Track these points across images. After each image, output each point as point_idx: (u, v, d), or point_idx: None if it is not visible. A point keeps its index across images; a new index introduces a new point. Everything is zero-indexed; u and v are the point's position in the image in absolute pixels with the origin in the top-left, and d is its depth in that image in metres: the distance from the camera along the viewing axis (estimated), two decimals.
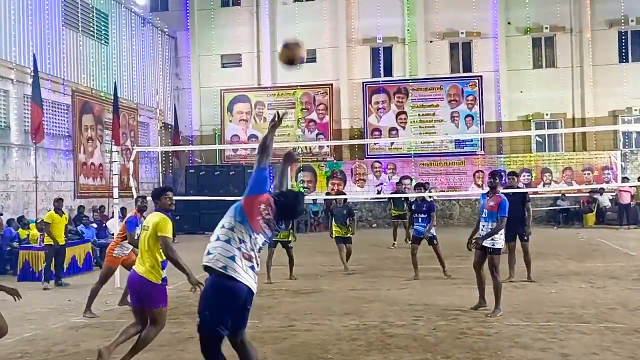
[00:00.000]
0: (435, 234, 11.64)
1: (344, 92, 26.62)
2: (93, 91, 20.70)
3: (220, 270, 4.61)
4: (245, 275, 4.62)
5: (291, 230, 12.32)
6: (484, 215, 8.57)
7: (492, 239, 8.39)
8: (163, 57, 26.84)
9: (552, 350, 6.52)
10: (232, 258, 4.59)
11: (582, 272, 11.71)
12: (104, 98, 21.16)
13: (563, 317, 8.05)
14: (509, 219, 8.54)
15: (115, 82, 21.32)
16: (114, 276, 11.64)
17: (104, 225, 16.11)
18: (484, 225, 8.53)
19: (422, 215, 11.62)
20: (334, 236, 12.96)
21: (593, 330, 7.29)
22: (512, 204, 8.87)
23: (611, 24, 25.36)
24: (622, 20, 25.14)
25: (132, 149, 17.31)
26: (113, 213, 13.20)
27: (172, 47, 28.08)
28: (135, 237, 8.09)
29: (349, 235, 12.94)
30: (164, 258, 6.38)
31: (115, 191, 12.05)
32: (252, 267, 4.68)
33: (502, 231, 8.46)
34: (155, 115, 25.34)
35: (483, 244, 8.42)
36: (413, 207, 12.11)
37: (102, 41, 21.73)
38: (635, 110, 24.96)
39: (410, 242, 13.15)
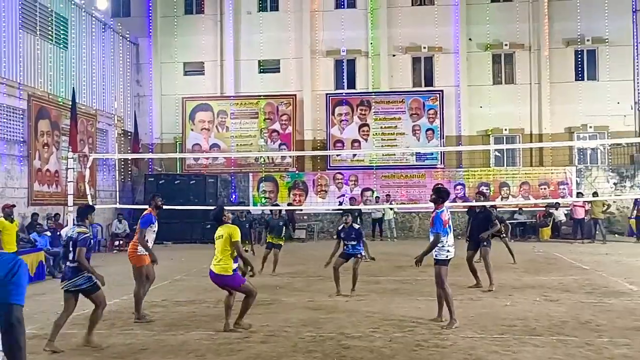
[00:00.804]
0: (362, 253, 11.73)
1: (307, 103, 26.66)
2: (50, 96, 20.28)
3: None
4: None
5: (284, 237, 14.25)
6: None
7: (435, 251, 8.46)
8: (124, 63, 26.47)
9: None
10: None
11: (536, 285, 11.89)
12: (61, 103, 20.74)
13: (517, 329, 8.14)
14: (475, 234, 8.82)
15: (73, 88, 20.92)
16: None
17: (58, 233, 15.73)
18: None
19: (352, 242, 11.33)
20: (267, 241, 14.20)
21: (546, 343, 7.40)
22: (479, 223, 10.57)
23: (568, 42, 26.03)
24: (579, 40, 25.84)
25: (89, 155, 16.98)
26: (67, 221, 12.90)
27: (134, 53, 27.72)
28: (145, 235, 8.61)
29: (280, 243, 14.22)
30: (235, 256, 8.23)
31: (70, 199, 11.80)
32: None
33: (447, 244, 8.48)
34: (114, 122, 24.95)
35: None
36: (342, 234, 11.45)
37: (61, 46, 21.33)
38: (590, 127, 25.62)
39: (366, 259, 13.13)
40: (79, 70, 22.43)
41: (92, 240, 8.06)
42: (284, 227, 14.26)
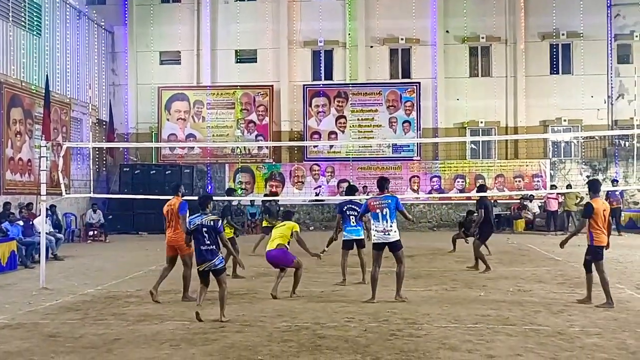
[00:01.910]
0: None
1: (284, 94, 26.57)
2: (23, 84, 19.93)
3: None
4: None
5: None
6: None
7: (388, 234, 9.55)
8: (99, 51, 26.10)
9: (479, 351, 6.65)
10: None
11: (510, 276, 12.03)
12: (34, 91, 20.40)
13: (490, 319, 8.23)
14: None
15: (47, 76, 20.61)
16: (39, 275, 11.30)
17: (30, 223, 15.51)
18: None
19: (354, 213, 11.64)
20: (263, 225, 14.92)
21: (518, 332, 7.49)
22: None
23: (543, 36, 26.27)
24: (554, 34, 26.09)
25: (63, 144, 16.73)
26: (40, 210, 12.72)
27: (109, 42, 27.34)
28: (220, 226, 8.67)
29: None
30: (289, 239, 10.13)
31: (43, 188, 11.61)
32: None
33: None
34: (89, 111, 24.62)
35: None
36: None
37: (34, 32, 20.95)
38: (565, 120, 25.92)
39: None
40: (53, 58, 22.07)
41: (219, 230, 8.68)
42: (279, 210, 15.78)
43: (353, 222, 11.52)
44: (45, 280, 11.13)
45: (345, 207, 11.72)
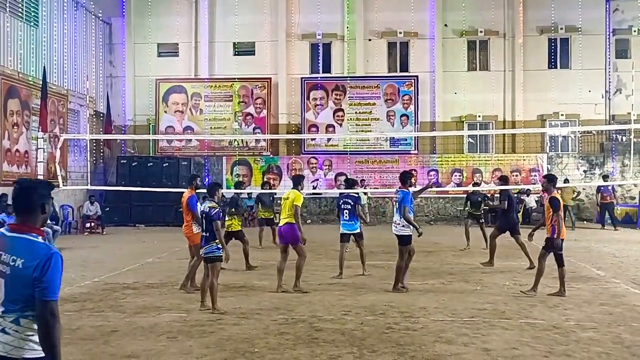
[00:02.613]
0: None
1: (282, 86, 26.52)
2: (20, 75, 19.84)
3: None
4: None
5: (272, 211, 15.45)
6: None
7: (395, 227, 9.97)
8: (96, 43, 26.00)
9: (475, 345, 6.69)
10: None
11: (506, 270, 12.08)
12: (32, 83, 20.33)
13: (486, 313, 8.27)
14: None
15: (44, 67, 20.54)
16: None
17: None
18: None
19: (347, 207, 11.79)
20: (258, 218, 15.09)
21: (514, 326, 7.53)
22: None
23: (542, 30, 26.25)
24: (552, 28, 26.06)
25: (60, 136, 16.71)
26: None
27: (106, 33, 27.25)
28: (215, 213, 8.65)
29: (271, 217, 15.59)
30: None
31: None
32: None
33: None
34: (86, 103, 24.56)
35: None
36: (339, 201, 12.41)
37: (32, 23, 20.87)
38: (562, 115, 25.94)
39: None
40: (50, 49, 21.99)
41: (221, 213, 9.03)
42: (273, 202, 15.75)
43: (346, 217, 11.56)
44: None
45: (341, 202, 11.84)
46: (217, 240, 8.46)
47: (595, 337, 7.02)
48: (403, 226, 9.77)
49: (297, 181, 10.66)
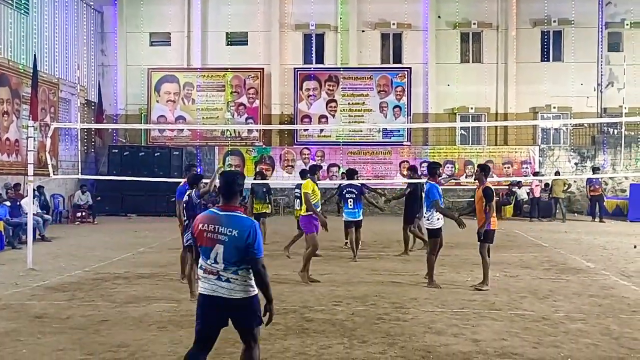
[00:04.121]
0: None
1: (275, 77, 26.44)
2: (10, 63, 19.69)
3: None
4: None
5: (268, 203, 15.03)
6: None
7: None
8: (88, 31, 25.80)
9: (464, 335, 6.72)
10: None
11: (497, 262, 12.07)
12: (22, 71, 20.18)
13: (476, 304, 8.31)
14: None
15: (35, 55, 20.38)
16: (26, 256, 11.27)
17: (18, 203, 15.42)
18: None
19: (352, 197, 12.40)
20: (254, 213, 14.39)
21: (504, 317, 7.57)
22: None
23: (535, 23, 26.26)
24: (545, 20, 26.08)
25: (51, 125, 16.58)
26: (27, 191, 12.64)
27: (98, 21, 27.04)
28: (182, 207, 8.68)
29: (265, 211, 14.84)
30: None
31: (30, 168, 11.53)
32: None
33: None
34: (78, 92, 24.39)
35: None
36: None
37: (22, 11, 20.68)
38: (554, 107, 26.01)
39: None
40: (41, 37, 21.82)
41: (193, 200, 8.77)
42: (267, 194, 15.03)
43: (350, 205, 12.16)
44: (32, 261, 11.10)
45: (345, 191, 12.39)
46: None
47: (584, 328, 7.06)
48: (428, 219, 9.66)
49: (312, 171, 10.62)
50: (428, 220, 9.67)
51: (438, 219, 9.62)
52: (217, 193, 13.99)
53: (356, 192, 12.31)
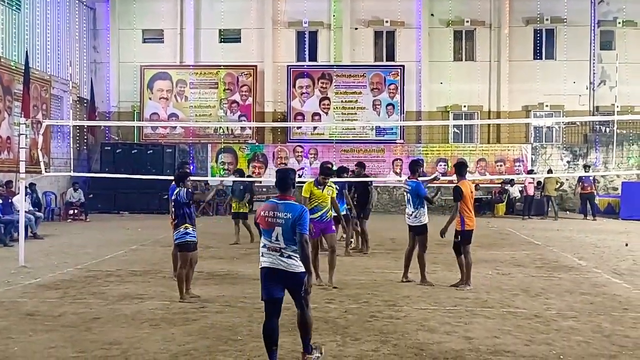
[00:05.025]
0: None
1: (268, 74, 26.41)
2: (2, 60, 19.57)
3: None
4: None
5: (246, 203, 14.61)
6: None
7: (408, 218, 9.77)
8: (80, 28, 25.68)
9: (457, 333, 6.74)
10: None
11: (489, 260, 12.14)
12: (14, 68, 20.07)
13: (469, 302, 8.33)
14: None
15: (27, 52, 20.27)
16: (18, 253, 11.21)
17: (9, 201, 15.32)
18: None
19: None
20: (232, 212, 14.52)
21: (496, 315, 7.59)
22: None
23: (527, 21, 26.33)
24: (538, 19, 26.15)
25: (43, 122, 16.49)
26: (20, 188, 12.58)
27: (91, 18, 26.93)
28: (170, 206, 8.47)
29: (243, 211, 14.52)
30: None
31: (22, 165, 11.47)
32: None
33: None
34: (70, 89, 24.27)
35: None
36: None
37: (14, 7, 20.57)
38: (547, 105, 26.10)
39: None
40: (33, 34, 21.70)
41: (181, 200, 8.39)
42: (245, 192, 14.63)
43: None
44: (24, 259, 11.04)
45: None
46: (185, 225, 8.30)
47: (575, 326, 7.09)
48: (416, 217, 9.56)
49: (324, 172, 9.82)
50: (416, 217, 9.59)
51: (424, 215, 9.63)
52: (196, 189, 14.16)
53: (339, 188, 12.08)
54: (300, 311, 5.70)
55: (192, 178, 9.33)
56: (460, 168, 9.58)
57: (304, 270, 5.51)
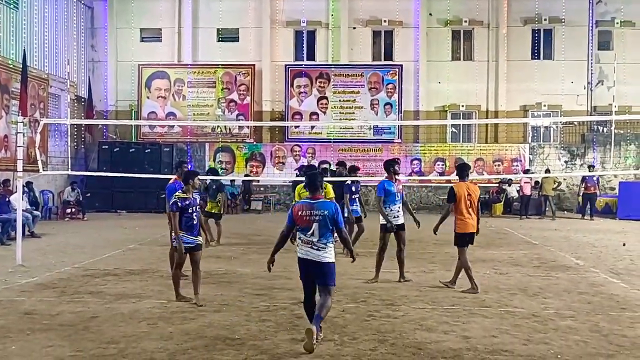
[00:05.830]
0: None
1: (266, 73, 26.39)
2: (0, 58, 19.56)
3: None
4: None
5: (218, 203, 13.93)
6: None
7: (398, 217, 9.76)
8: (78, 27, 25.65)
9: (455, 332, 6.74)
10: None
11: (487, 259, 12.15)
12: (11, 66, 20.04)
13: (467, 301, 8.33)
14: None
15: (24, 50, 20.23)
16: (15, 252, 11.19)
17: (7, 199, 15.29)
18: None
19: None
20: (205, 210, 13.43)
21: (494, 314, 7.59)
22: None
23: (526, 21, 26.35)
24: (536, 19, 26.18)
25: (40, 120, 16.46)
26: (17, 187, 12.55)
27: (88, 17, 26.88)
28: (170, 204, 8.22)
29: (214, 212, 13.90)
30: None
31: (20, 164, 11.44)
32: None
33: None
34: (67, 87, 24.24)
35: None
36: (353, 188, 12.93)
37: (12, 6, 20.53)
38: (545, 105, 26.12)
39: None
40: (31, 32, 21.67)
41: (180, 204, 8.09)
42: (217, 192, 14.05)
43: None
44: (21, 258, 11.03)
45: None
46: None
47: (573, 325, 7.10)
48: (396, 217, 9.67)
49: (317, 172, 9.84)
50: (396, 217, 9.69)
51: (396, 216, 9.63)
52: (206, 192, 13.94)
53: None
54: (322, 300, 6.26)
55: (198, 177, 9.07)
56: (460, 170, 9.44)
57: (332, 260, 6.30)
